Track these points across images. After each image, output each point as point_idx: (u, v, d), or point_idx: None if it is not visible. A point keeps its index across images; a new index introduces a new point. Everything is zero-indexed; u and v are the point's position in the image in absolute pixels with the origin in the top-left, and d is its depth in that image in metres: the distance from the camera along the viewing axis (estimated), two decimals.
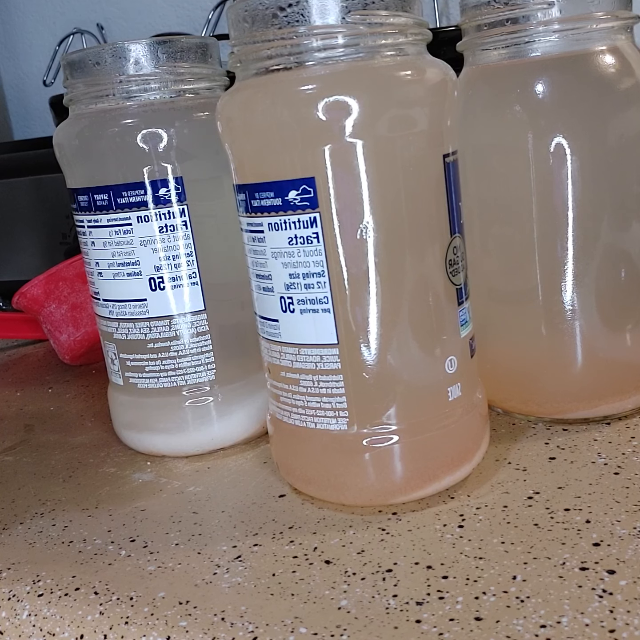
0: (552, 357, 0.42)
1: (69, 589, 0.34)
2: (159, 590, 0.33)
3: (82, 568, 0.35)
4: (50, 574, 0.35)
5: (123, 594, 0.33)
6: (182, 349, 0.43)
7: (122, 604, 0.32)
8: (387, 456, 0.36)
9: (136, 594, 0.32)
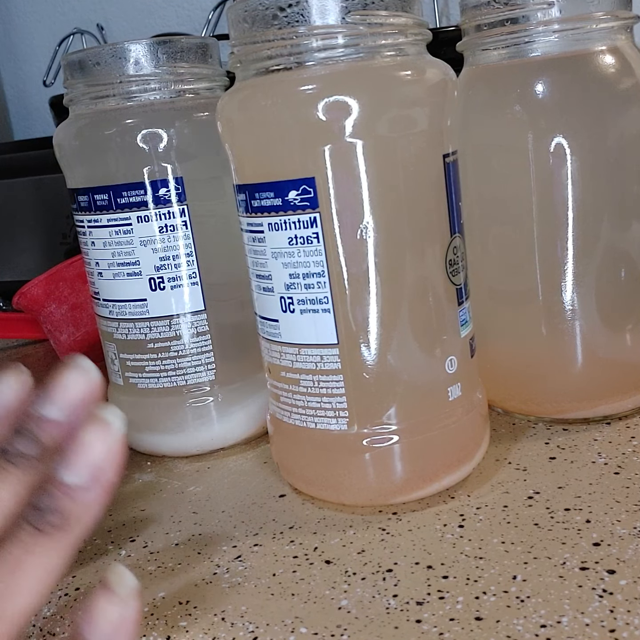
0: (552, 357, 0.42)
1: (69, 589, 0.34)
2: (159, 590, 0.33)
3: (82, 568, 0.35)
4: None
5: None
6: (182, 349, 0.43)
7: None
8: (388, 456, 0.36)
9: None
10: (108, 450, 0.25)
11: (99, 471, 0.24)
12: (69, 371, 0.26)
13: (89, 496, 0.24)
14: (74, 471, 0.24)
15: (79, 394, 0.26)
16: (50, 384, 0.26)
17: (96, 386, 0.26)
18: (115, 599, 0.24)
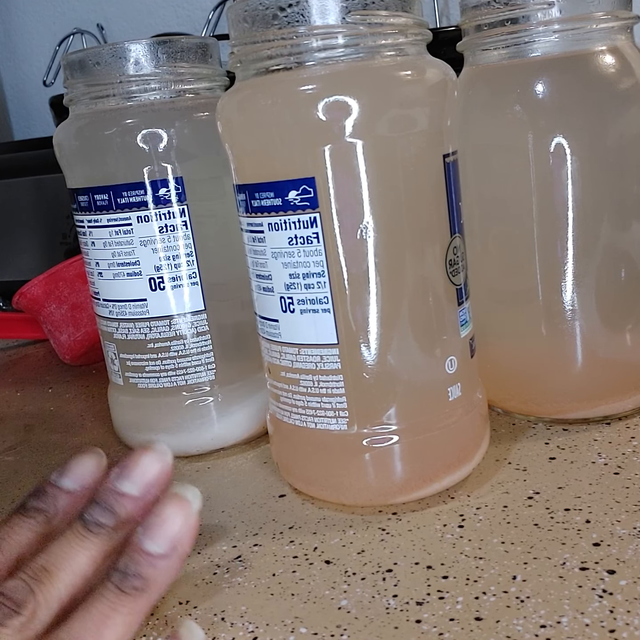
0: (552, 357, 0.42)
1: None
2: None
3: None
4: None
5: None
6: (182, 349, 0.43)
7: None
8: (387, 456, 0.36)
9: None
10: (186, 524, 0.28)
11: (177, 542, 0.28)
12: (147, 452, 0.30)
13: (167, 564, 0.28)
14: (157, 541, 0.28)
15: (154, 475, 0.29)
16: (128, 462, 0.30)
17: (170, 469, 0.30)
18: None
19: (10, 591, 0.27)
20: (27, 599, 0.26)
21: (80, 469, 0.31)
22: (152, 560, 0.27)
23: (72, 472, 0.31)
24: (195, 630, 0.27)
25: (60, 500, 0.31)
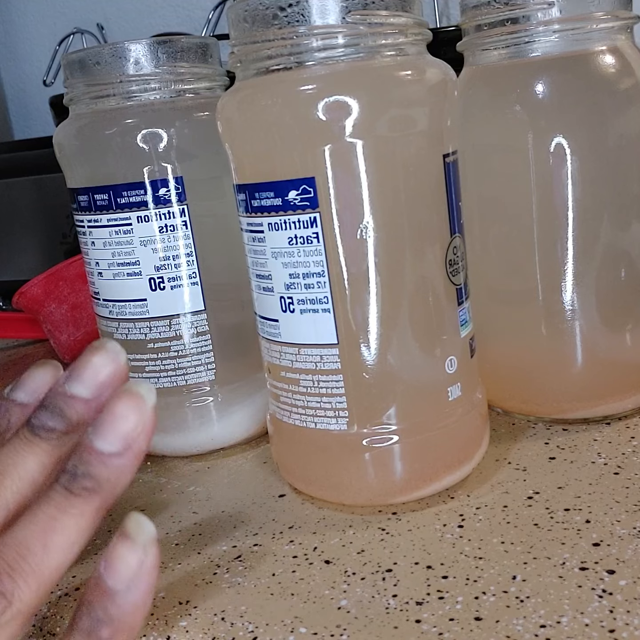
0: (552, 357, 0.42)
1: (69, 589, 0.34)
2: (159, 590, 0.33)
3: (82, 568, 0.35)
4: None
5: None
6: (182, 349, 0.43)
7: None
8: (387, 456, 0.36)
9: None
10: (140, 420, 0.26)
11: (131, 440, 0.25)
12: (97, 352, 0.27)
13: (121, 463, 0.25)
14: (108, 439, 0.25)
15: (106, 375, 0.27)
16: (78, 363, 0.27)
17: (123, 368, 0.28)
18: (134, 546, 0.24)
19: None
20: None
21: (35, 381, 0.29)
22: (104, 459, 0.25)
23: (26, 385, 0.29)
24: (144, 523, 0.25)
25: (13, 414, 0.29)
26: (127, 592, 0.24)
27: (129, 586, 0.24)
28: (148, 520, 0.25)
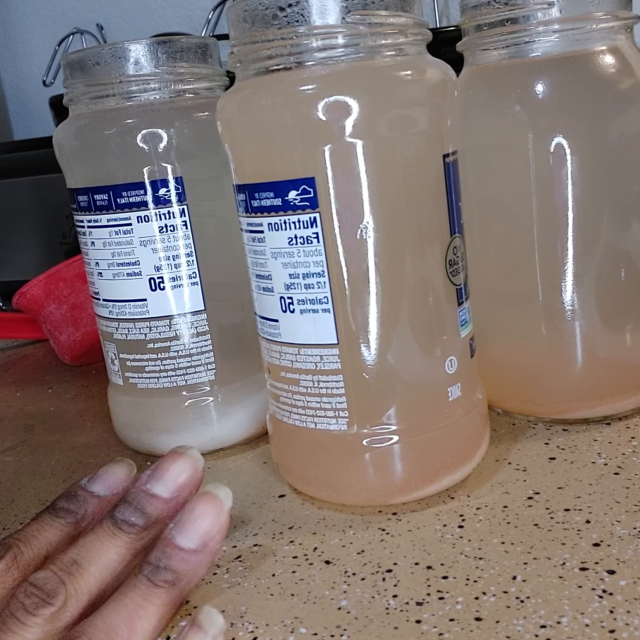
0: (552, 357, 0.42)
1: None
2: None
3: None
4: None
5: None
6: (182, 349, 0.43)
7: None
8: (387, 456, 0.36)
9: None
10: (217, 521, 0.29)
11: (208, 539, 0.28)
12: (179, 456, 0.31)
13: (198, 559, 0.28)
14: (188, 537, 0.28)
15: (185, 479, 0.30)
16: (160, 465, 0.31)
17: (201, 474, 0.31)
18: (206, 638, 0.26)
19: (41, 582, 0.27)
20: (57, 589, 0.27)
21: (111, 476, 0.32)
22: (184, 555, 0.28)
23: (103, 479, 0.32)
24: (215, 616, 0.27)
25: (89, 504, 0.31)
26: None
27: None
28: (219, 614, 0.27)
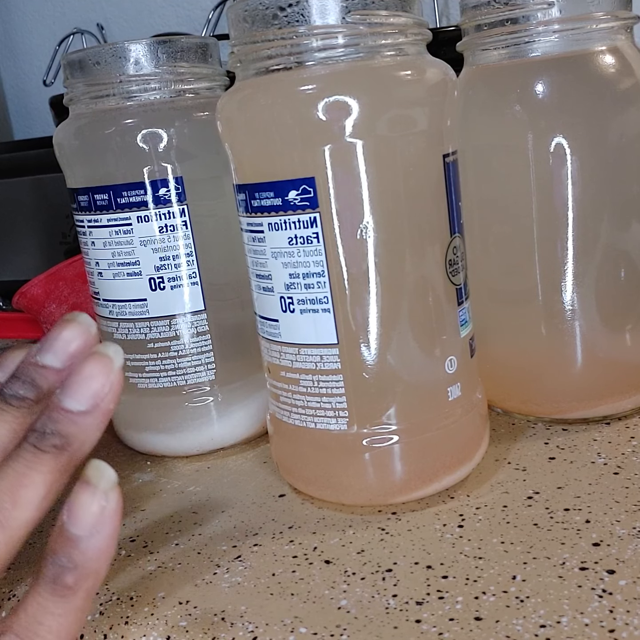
0: (552, 357, 0.42)
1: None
2: (159, 590, 0.33)
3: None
4: None
5: (123, 594, 0.33)
6: (182, 349, 0.43)
7: (122, 604, 0.32)
8: (387, 456, 0.36)
9: (136, 594, 0.32)
10: (108, 380, 0.26)
11: (99, 399, 0.26)
12: (69, 324, 0.28)
13: (89, 421, 0.26)
14: (76, 398, 0.26)
15: (77, 346, 0.28)
16: (50, 335, 0.28)
17: (94, 340, 0.28)
18: (95, 492, 0.25)
19: None
20: None
21: (11, 362, 0.30)
22: (73, 417, 0.26)
23: (3, 365, 0.30)
24: (104, 469, 0.26)
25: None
26: (90, 538, 0.24)
27: (92, 532, 0.24)
28: (108, 466, 0.25)
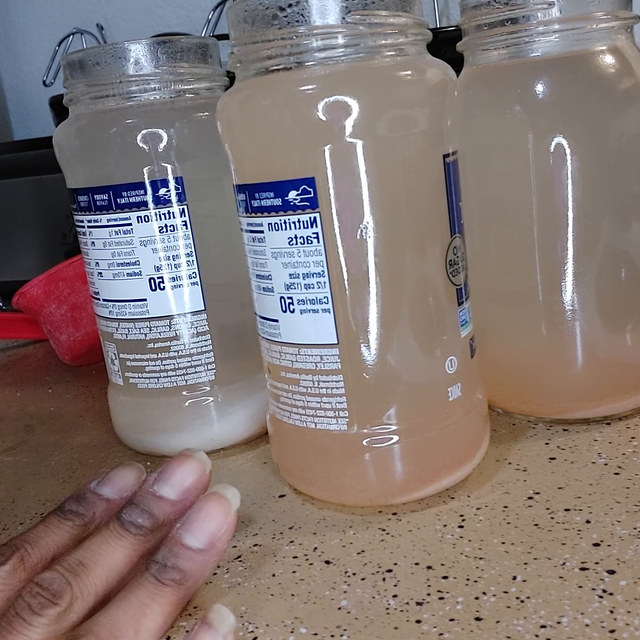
0: (552, 357, 0.42)
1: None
2: None
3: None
4: None
5: None
6: (182, 349, 0.43)
7: None
8: (387, 456, 0.36)
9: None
10: (225, 522, 0.29)
11: (216, 539, 0.29)
12: (186, 459, 0.31)
13: (205, 559, 0.28)
14: (196, 536, 0.28)
15: (192, 482, 0.30)
16: (167, 467, 0.31)
17: (207, 477, 0.31)
18: (216, 637, 0.26)
19: (46, 582, 0.27)
20: (63, 589, 0.27)
21: (121, 480, 0.32)
22: (191, 554, 0.28)
23: (112, 482, 0.32)
24: (225, 614, 0.27)
25: (98, 507, 0.31)
26: None
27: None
28: (229, 612, 0.27)
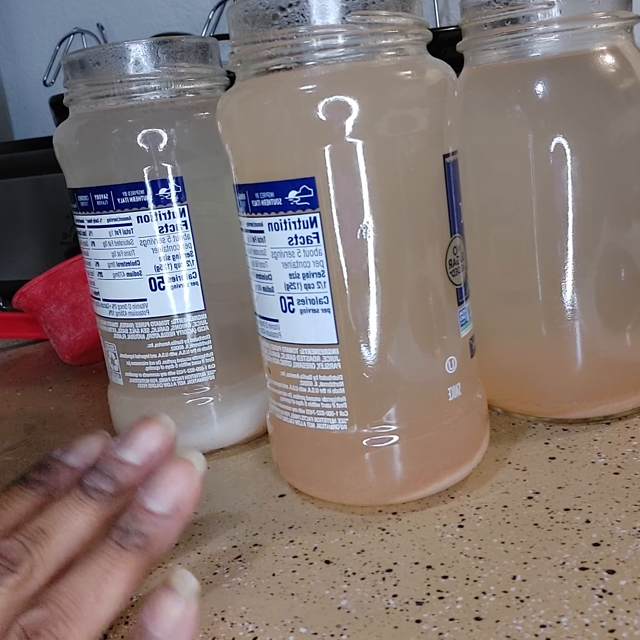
0: (552, 357, 0.42)
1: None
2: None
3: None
4: None
5: None
6: (182, 349, 0.43)
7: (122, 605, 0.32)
8: (387, 456, 0.36)
9: (136, 594, 0.32)
10: (189, 486, 0.28)
11: (180, 503, 0.28)
12: (150, 423, 0.30)
13: (169, 523, 0.28)
14: (160, 500, 0.28)
15: (156, 445, 0.30)
16: (131, 432, 0.30)
17: (172, 441, 0.30)
18: (178, 599, 0.26)
19: (5, 550, 0.26)
20: (23, 557, 0.26)
21: (85, 447, 0.31)
22: (155, 519, 0.27)
23: (77, 450, 0.31)
24: (188, 578, 0.26)
25: (61, 475, 0.31)
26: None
27: (171, 636, 0.25)
28: (192, 576, 0.26)
